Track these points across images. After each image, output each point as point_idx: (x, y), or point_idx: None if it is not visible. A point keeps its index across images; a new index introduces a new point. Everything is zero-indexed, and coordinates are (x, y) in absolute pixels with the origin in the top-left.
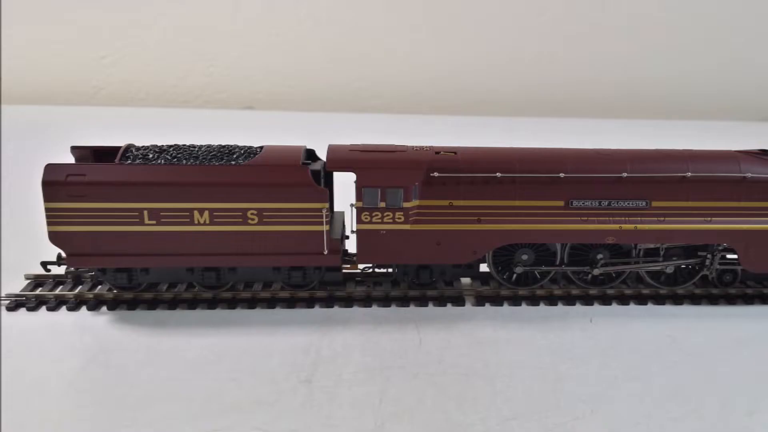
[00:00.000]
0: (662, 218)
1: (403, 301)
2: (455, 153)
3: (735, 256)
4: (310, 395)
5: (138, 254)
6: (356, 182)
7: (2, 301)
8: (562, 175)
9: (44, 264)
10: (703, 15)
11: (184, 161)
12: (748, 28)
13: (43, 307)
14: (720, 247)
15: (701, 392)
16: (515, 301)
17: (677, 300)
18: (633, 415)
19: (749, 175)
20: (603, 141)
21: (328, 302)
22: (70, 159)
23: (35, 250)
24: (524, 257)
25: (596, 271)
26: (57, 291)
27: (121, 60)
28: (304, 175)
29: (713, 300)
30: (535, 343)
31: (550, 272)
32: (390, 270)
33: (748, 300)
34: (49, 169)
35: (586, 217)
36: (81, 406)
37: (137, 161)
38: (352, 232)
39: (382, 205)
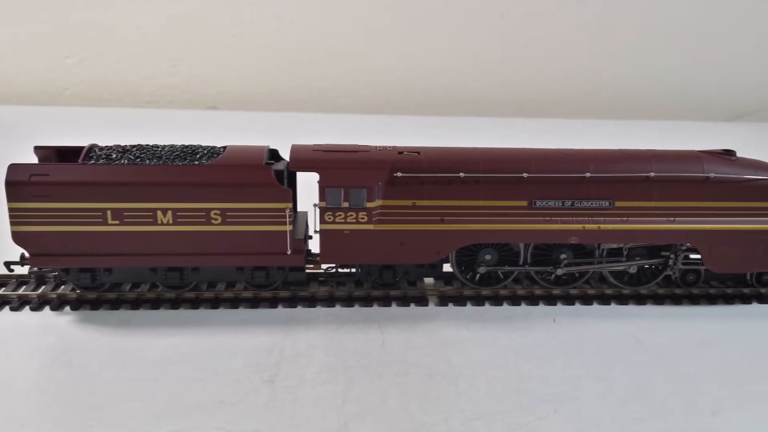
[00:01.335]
0: (625, 218)
1: (366, 301)
2: (418, 153)
3: (698, 256)
4: (274, 395)
5: (101, 254)
6: (319, 182)
7: None
8: (525, 175)
9: (7, 264)
10: (667, 15)
11: (148, 161)
12: (711, 28)
13: (6, 307)
14: (683, 247)
15: (665, 392)
16: (478, 301)
17: (640, 300)
18: (597, 415)
19: (712, 175)
20: (568, 141)
21: (292, 302)
22: (34, 159)
23: None
24: (487, 257)
25: (559, 271)
26: (20, 291)
27: (86, 60)
28: (267, 175)
29: (676, 300)
30: (499, 343)
31: (513, 272)
32: (353, 270)
33: (711, 300)
34: (13, 169)
35: (549, 217)
36: (44, 406)
37: (100, 161)
38: (316, 232)
39: (346, 205)
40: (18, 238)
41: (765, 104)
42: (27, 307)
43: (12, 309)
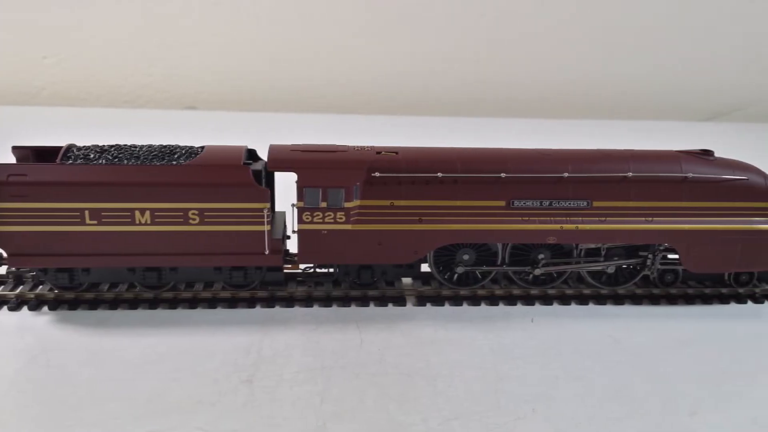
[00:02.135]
0: (604, 218)
1: (345, 301)
2: (396, 153)
3: (676, 256)
4: (252, 395)
5: (79, 254)
6: (297, 182)
7: None
8: (503, 175)
9: None
10: (645, 16)
11: (126, 161)
12: (688, 29)
13: None
14: (661, 247)
15: (643, 392)
16: (456, 301)
17: (618, 300)
18: (575, 415)
19: (690, 175)
20: (546, 141)
21: (270, 302)
22: (12, 159)
23: None
24: (465, 257)
25: (537, 271)
26: None
27: (64, 60)
28: (245, 174)
29: (654, 300)
30: (477, 343)
31: (491, 272)
32: (331, 270)
33: (689, 300)
34: None
35: (527, 217)
36: (23, 406)
37: (78, 161)
38: (294, 232)
39: (324, 205)
40: None
41: (743, 104)
42: (5, 307)
43: None
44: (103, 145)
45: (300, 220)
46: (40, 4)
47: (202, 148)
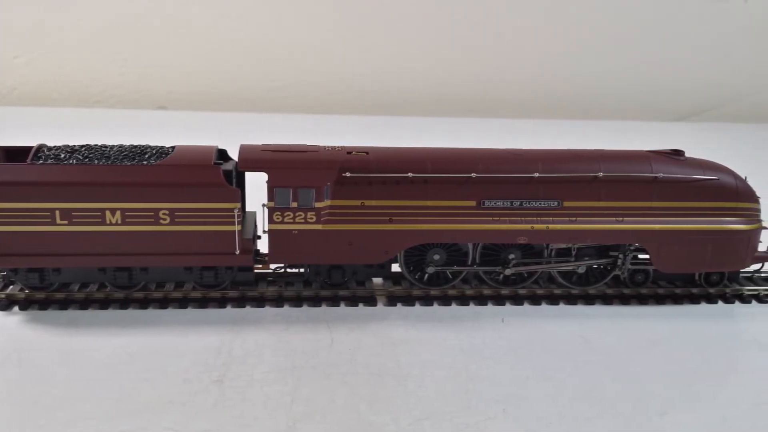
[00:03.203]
0: (574, 218)
1: (315, 301)
2: (367, 153)
3: (647, 256)
4: (222, 395)
5: (50, 254)
6: (268, 182)
7: None
8: (473, 175)
9: None
10: (617, 15)
11: (96, 161)
12: (661, 28)
13: None
14: (632, 247)
15: (613, 392)
16: (427, 301)
17: (589, 300)
18: (545, 415)
19: (661, 175)
20: (518, 141)
21: (240, 302)
22: None
23: None
24: (436, 257)
25: (508, 271)
26: None
27: (34, 60)
28: (215, 174)
29: (625, 300)
30: (447, 343)
31: (461, 272)
32: (302, 270)
33: (659, 300)
34: None
35: (498, 217)
36: None
37: (49, 161)
38: (264, 232)
39: (294, 205)
40: None
41: (713, 104)
42: None
43: None
44: (74, 145)
45: (271, 220)
46: (11, 3)
47: (173, 148)
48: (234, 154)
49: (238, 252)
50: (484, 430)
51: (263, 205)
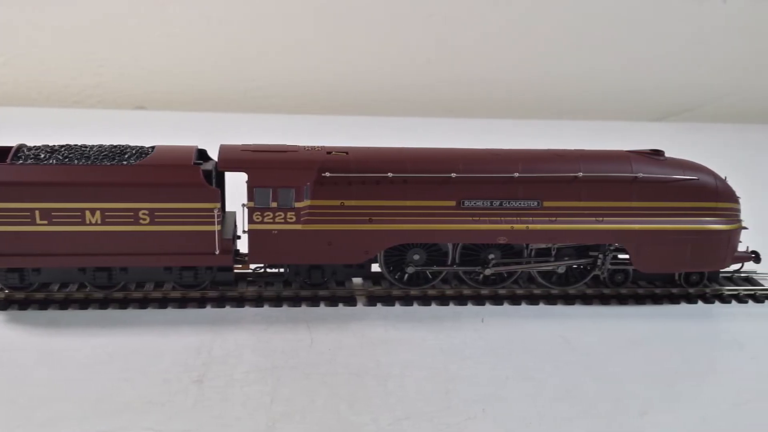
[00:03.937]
0: (554, 218)
1: (295, 301)
2: (347, 153)
3: (627, 256)
4: (202, 395)
5: (29, 254)
6: (248, 182)
7: None
8: (453, 175)
9: None
10: (598, 15)
11: (76, 161)
12: (640, 29)
13: None
14: (611, 247)
15: (593, 392)
16: (407, 301)
17: (569, 300)
18: (525, 415)
19: (640, 175)
20: (499, 141)
21: (220, 302)
22: None
23: None
24: (416, 257)
25: (488, 271)
26: None
27: (13, 60)
28: (195, 174)
29: (605, 300)
30: (427, 343)
31: (441, 272)
32: (282, 270)
33: (639, 300)
34: None
35: (477, 217)
36: None
37: (29, 161)
38: (244, 232)
39: (274, 205)
40: None
41: (693, 104)
42: None
43: None
44: (54, 145)
45: (250, 220)
46: None
47: (153, 148)
48: (214, 154)
49: (217, 252)
50: (464, 430)
51: (243, 205)
